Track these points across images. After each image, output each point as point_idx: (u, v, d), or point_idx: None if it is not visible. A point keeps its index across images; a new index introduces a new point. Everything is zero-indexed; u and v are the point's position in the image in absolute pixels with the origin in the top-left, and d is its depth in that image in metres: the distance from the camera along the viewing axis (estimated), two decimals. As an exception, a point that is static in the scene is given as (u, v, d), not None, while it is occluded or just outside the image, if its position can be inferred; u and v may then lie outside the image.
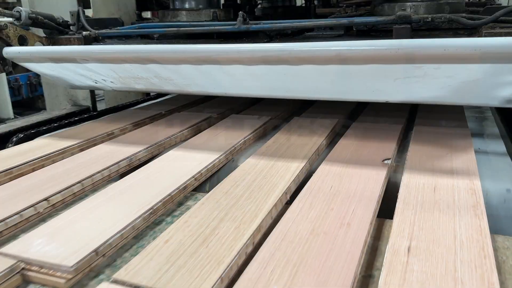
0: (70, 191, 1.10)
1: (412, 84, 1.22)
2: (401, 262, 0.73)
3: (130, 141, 1.43)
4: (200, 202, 0.99)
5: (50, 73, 1.62)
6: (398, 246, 0.78)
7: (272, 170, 1.17)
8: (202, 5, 1.84)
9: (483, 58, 1.08)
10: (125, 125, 1.60)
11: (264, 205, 0.97)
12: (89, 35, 1.62)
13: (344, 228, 0.86)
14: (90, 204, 1.01)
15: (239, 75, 1.36)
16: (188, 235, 0.85)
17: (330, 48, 1.17)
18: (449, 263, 0.73)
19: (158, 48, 1.33)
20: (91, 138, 1.46)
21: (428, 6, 1.49)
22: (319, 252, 0.77)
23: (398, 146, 1.37)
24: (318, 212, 0.93)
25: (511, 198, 1.06)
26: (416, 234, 0.82)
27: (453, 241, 0.80)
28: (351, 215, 0.91)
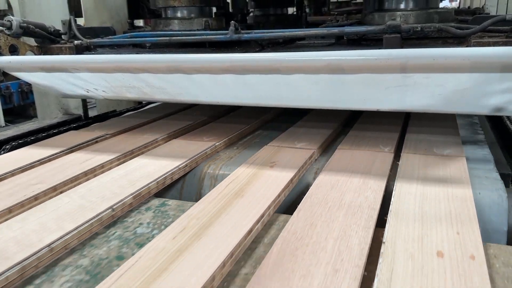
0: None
1: (403, 93, 1.23)
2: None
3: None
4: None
5: (41, 82, 1.61)
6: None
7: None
8: (194, 14, 1.84)
9: (472, 67, 1.09)
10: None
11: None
12: (80, 44, 1.62)
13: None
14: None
15: (231, 84, 1.37)
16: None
17: (321, 58, 1.18)
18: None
19: (150, 58, 1.33)
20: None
21: (417, 15, 1.51)
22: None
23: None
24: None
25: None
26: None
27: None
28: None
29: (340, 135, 1.60)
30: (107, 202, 1.05)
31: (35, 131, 1.88)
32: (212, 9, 1.99)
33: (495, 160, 1.30)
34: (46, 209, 1.03)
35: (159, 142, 1.56)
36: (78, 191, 1.14)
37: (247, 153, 1.44)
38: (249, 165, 1.28)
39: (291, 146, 1.43)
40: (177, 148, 1.46)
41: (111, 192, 1.12)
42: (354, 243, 0.83)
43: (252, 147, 1.50)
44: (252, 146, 1.52)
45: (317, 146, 1.42)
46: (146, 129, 1.70)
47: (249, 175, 1.20)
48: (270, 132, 1.68)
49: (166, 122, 1.79)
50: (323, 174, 1.21)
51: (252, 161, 1.31)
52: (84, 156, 1.39)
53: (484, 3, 4.25)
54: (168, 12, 1.87)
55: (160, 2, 1.84)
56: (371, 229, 0.90)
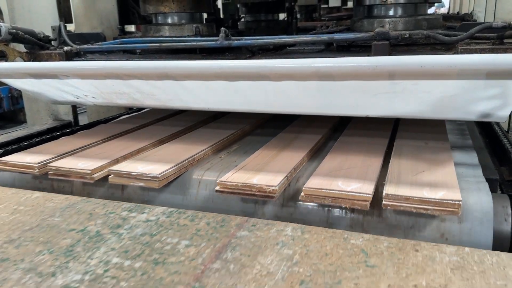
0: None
1: (391, 100, 1.24)
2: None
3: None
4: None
5: (31, 89, 1.60)
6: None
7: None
8: (184, 20, 1.85)
9: (459, 74, 1.10)
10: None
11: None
12: (70, 51, 1.61)
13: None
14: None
15: (222, 91, 1.37)
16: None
17: (310, 65, 1.19)
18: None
19: (139, 64, 1.33)
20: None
21: (406, 22, 1.52)
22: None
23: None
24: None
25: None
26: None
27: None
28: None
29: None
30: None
31: (24, 138, 1.87)
32: (202, 16, 1.99)
33: (483, 166, 1.32)
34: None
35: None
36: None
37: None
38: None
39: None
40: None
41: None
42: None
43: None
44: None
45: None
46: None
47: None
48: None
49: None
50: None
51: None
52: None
53: (472, 9, 4.29)
54: (159, 18, 1.87)
55: (150, 8, 1.84)
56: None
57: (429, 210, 1.01)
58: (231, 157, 1.46)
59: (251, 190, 1.13)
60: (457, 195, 1.01)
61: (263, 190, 1.12)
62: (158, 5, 1.84)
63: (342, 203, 1.06)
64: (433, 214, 1.01)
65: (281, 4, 2.73)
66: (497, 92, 1.13)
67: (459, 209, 0.98)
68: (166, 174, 1.26)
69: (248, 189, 1.13)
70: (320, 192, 1.08)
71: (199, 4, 1.88)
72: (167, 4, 1.82)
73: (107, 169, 1.32)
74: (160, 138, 1.61)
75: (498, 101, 1.15)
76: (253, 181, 1.14)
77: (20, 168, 1.38)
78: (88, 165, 1.32)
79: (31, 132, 2.01)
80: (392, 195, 1.03)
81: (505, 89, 1.11)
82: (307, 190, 1.09)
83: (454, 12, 4.99)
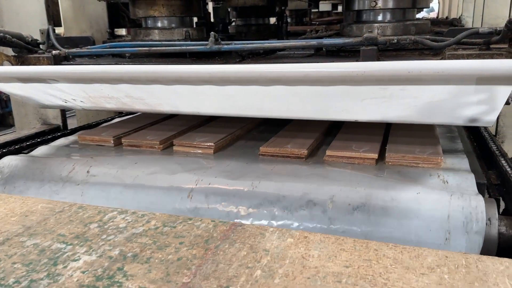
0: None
1: (380, 104, 1.25)
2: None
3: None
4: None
5: (19, 93, 1.59)
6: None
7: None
8: (174, 24, 1.84)
9: (446, 79, 1.11)
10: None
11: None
12: (59, 54, 1.60)
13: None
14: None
15: (211, 95, 1.37)
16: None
17: (299, 70, 1.20)
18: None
19: (128, 68, 1.32)
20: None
21: (395, 27, 1.54)
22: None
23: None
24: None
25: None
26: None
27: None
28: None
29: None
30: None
31: (12, 142, 1.85)
32: (193, 19, 1.98)
33: (472, 170, 1.33)
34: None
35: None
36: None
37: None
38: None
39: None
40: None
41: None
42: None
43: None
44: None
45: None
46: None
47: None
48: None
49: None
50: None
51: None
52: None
53: (461, 14, 4.34)
54: (149, 22, 1.86)
55: (140, 12, 1.84)
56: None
57: (419, 164, 1.35)
58: (260, 134, 1.79)
59: (287, 153, 1.47)
60: (440, 154, 1.35)
61: (295, 153, 1.46)
62: (147, 9, 1.83)
63: (356, 161, 1.41)
64: (422, 166, 1.34)
65: (271, 9, 2.74)
66: (485, 97, 1.14)
67: (441, 163, 1.33)
68: (218, 144, 1.58)
69: (285, 153, 1.47)
70: (339, 153, 1.42)
71: (189, 8, 1.88)
72: (157, 8, 1.82)
73: (171, 140, 1.63)
74: (193, 123, 1.84)
75: (485, 106, 1.17)
76: (287, 147, 1.47)
77: (97, 142, 1.70)
78: (154, 138, 1.63)
79: (19, 136, 1.99)
80: (392, 154, 1.39)
81: (492, 94, 1.13)
82: (329, 153, 1.43)
83: (443, 17, 5.05)
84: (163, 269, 0.80)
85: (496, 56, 1.22)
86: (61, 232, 0.95)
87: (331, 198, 1.21)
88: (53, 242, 0.91)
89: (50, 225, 0.98)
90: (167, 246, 0.88)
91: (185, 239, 0.91)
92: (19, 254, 0.87)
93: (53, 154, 1.65)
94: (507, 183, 1.31)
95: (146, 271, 0.80)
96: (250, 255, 0.84)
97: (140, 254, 0.86)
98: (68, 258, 0.85)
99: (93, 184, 1.42)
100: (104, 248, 0.88)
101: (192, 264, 0.82)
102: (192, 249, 0.87)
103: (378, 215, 1.16)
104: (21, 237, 0.94)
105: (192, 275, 0.78)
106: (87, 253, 0.87)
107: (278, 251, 0.85)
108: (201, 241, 0.90)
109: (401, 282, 0.74)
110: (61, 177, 1.46)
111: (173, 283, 0.76)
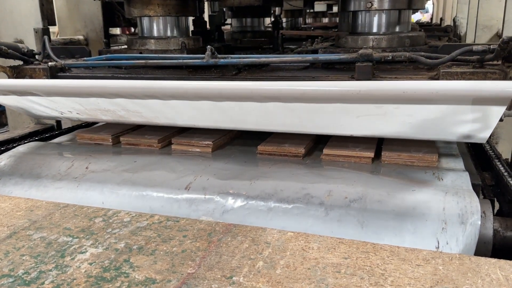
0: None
1: (374, 121, 1.27)
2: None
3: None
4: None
5: (14, 104, 1.59)
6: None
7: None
8: (170, 34, 1.84)
9: (440, 99, 1.13)
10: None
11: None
12: (55, 66, 1.60)
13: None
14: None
15: (207, 110, 1.38)
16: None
17: (295, 88, 1.21)
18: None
19: (124, 84, 1.33)
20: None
21: (389, 40, 1.55)
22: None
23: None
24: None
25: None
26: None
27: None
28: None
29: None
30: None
31: (5, 142, 1.82)
32: (189, 28, 1.97)
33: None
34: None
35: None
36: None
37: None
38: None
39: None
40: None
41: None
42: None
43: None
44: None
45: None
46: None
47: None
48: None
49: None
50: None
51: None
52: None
53: (455, 15, 4.35)
54: (144, 31, 1.85)
55: (135, 11, 1.81)
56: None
57: (414, 163, 1.38)
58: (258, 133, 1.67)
59: (284, 152, 1.48)
60: (435, 154, 1.36)
61: (293, 152, 1.47)
62: (143, 8, 1.81)
63: (352, 160, 1.43)
64: (417, 165, 1.37)
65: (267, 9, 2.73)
66: (479, 116, 1.15)
67: (435, 163, 1.35)
68: (216, 142, 1.59)
69: (282, 152, 1.48)
70: (336, 152, 1.44)
71: (185, 7, 1.85)
72: (152, 8, 1.80)
73: (169, 139, 1.62)
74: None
75: (479, 124, 1.18)
76: (285, 146, 1.49)
77: (96, 140, 1.70)
78: (152, 136, 1.63)
79: (13, 136, 1.95)
80: (388, 153, 1.41)
81: (486, 114, 1.14)
82: (326, 152, 1.45)
83: (437, 22, 5.06)
84: (168, 261, 0.82)
85: (489, 74, 1.24)
86: (67, 226, 0.97)
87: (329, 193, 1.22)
88: (59, 235, 0.93)
89: (55, 219, 1.00)
90: (171, 239, 0.90)
91: (189, 232, 0.93)
92: (27, 246, 0.89)
93: (51, 151, 1.63)
94: (501, 184, 1.33)
95: (152, 262, 0.82)
96: (252, 247, 0.86)
97: (146, 247, 0.88)
98: (75, 250, 0.87)
99: (91, 182, 1.41)
100: (110, 241, 0.90)
101: (196, 256, 0.84)
102: (195, 242, 0.89)
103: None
104: (28, 231, 0.95)
105: (196, 266, 0.80)
106: (94, 245, 0.89)
107: (279, 244, 0.87)
108: (204, 234, 0.92)
109: (398, 272, 0.76)
110: (60, 174, 1.45)
111: (179, 274, 0.78)
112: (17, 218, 1.01)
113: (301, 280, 0.75)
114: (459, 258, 0.81)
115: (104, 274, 0.78)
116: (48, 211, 1.04)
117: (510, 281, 0.74)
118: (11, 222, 0.99)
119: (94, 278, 0.77)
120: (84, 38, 2.85)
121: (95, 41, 2.85)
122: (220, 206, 1.26)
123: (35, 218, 1.01)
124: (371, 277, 0.75)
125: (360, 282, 0.74)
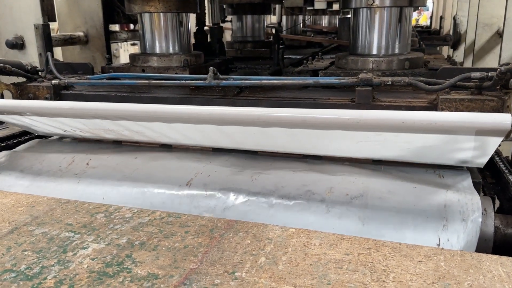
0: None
1: (373, 146, 1.29)
2: None
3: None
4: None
5: (18, 123, 1.61)
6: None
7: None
8: (172, 50, 1.84)
9: (438, 130, 1.15)
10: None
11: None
12: (58, 84, 1.61)
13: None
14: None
15: (210, 132, 1.40)
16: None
17: (297, 115, 1.23)
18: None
19: (128, 107, 1.34)
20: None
21: (389, 62, 1.57)
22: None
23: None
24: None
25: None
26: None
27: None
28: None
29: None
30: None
31: (5, 138, 1.83)
32: (190, 42, 1.97)
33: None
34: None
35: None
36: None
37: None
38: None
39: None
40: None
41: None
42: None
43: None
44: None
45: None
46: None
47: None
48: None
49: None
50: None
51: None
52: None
53: (455, 13, 4.34)
54: (147, 47, 1.86)
55: (135, 8, 1.81)
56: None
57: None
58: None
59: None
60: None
61: None
62: (143, 5, 1.81)
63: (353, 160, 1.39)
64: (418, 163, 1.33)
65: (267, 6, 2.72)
66: (476, 145, 1.18)
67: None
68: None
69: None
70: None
71: (185, 4, 1.84)
72: (153, 4, 1.79)
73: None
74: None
75: (477, 152, 1.21)
76: None
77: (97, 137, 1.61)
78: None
79: (13, 132, 1.93)
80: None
81: (484, 143, 1.17)
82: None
83: (436, 28, 5.03)
84: (170, 256, 0.83)
85: (487, 101, 1.26)
86: (69, 222, 0.97)
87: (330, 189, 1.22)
88: (61, 231, 0.93)
89: (57, 215, 1.00)
90: (173, 235, 0.91)
91: (190, 228, 0.94)
92: (29, 242, 0.89)
93: (52, 148, 1.64)
94: (501, 182, 1.36)
95: (154, 258, 0.83)
96: (254, 243, 0.87)
97: (148, 242, 0.88)
98: (77, 246, 0.87)
99: (92, 178, 1.43)
100: (112, 236, 0.91)
101: (198, 251, 0.85)
102: (197, 238, 0.89)
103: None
104: (30, 226, 0.95)
105: (199, 262, 0.81)
106: (95, 241, 0.89)
107: (281, 240, 0.88)
108: (206, 230, 0.92)
109: (400, 268, 0.78)
110: (61, 170, 1.47)
111: (181, 269, 0.79)
112: (19, 214, 1.01)
113: (303, 276, 0.76)
114: (460, 255, 0.82)
115: (106, 270, 0.79)
116: (50, 206, 1.05)
117: (511, 277, 0.75)
118: (13, 218, 0.99)
119: (96, 273, 0.77)
120: (84, 35, 2.85)
121: (95, 38, 2.84)
122: (222, 202, 1.27)
123: (37, 213, 1.01)
124: (373, 273, 0.76)
125: (362, 278, 0.75)
